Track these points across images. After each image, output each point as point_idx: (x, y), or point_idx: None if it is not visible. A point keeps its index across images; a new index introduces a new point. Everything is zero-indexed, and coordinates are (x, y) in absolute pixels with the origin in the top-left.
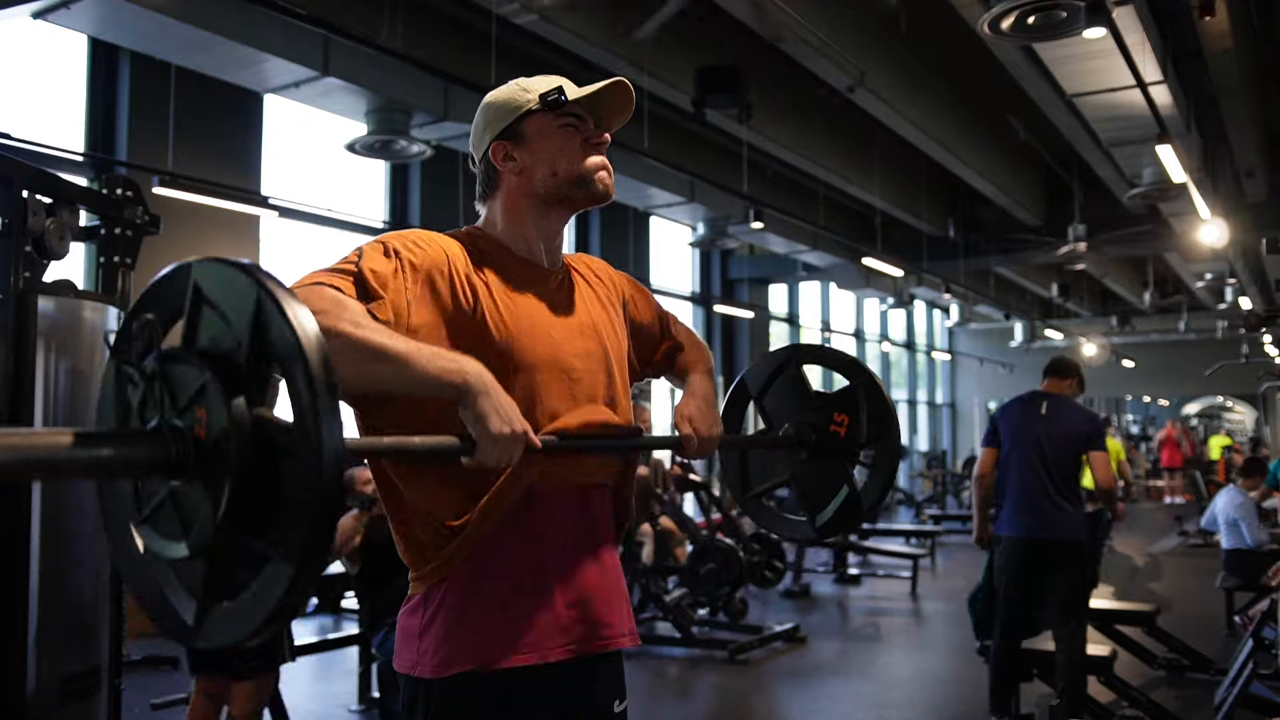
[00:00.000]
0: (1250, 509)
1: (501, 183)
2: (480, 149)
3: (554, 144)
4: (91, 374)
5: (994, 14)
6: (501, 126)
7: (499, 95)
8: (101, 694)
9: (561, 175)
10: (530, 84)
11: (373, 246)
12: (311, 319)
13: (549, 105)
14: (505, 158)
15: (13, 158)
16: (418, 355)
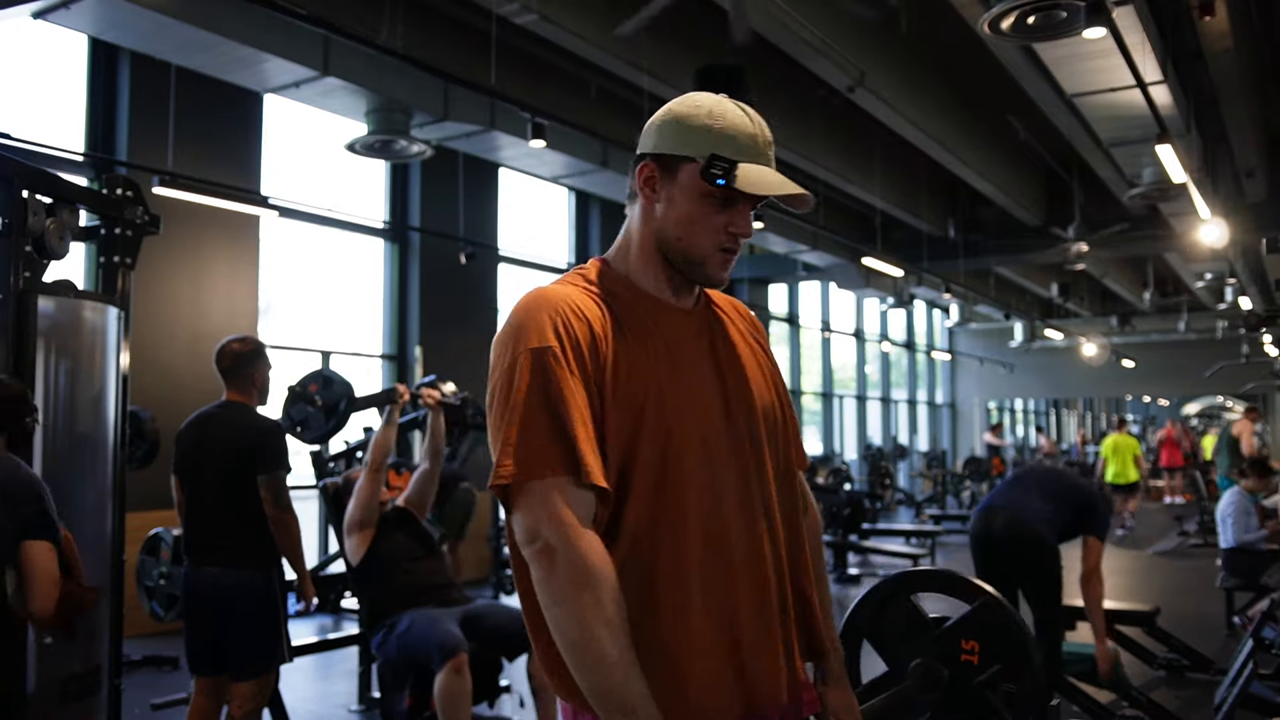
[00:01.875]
0: (1241, 508)
1: (638, 205)
2: (640, 148)
3: (694, 210)
4: (91, 374)
5: (994, 14)
6: (663, 150)
7: (686, 111)
8: (101, 694)
9: (682, 245)
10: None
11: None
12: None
13: (704, 177)
14: (648, 183)
15: (13, 158)
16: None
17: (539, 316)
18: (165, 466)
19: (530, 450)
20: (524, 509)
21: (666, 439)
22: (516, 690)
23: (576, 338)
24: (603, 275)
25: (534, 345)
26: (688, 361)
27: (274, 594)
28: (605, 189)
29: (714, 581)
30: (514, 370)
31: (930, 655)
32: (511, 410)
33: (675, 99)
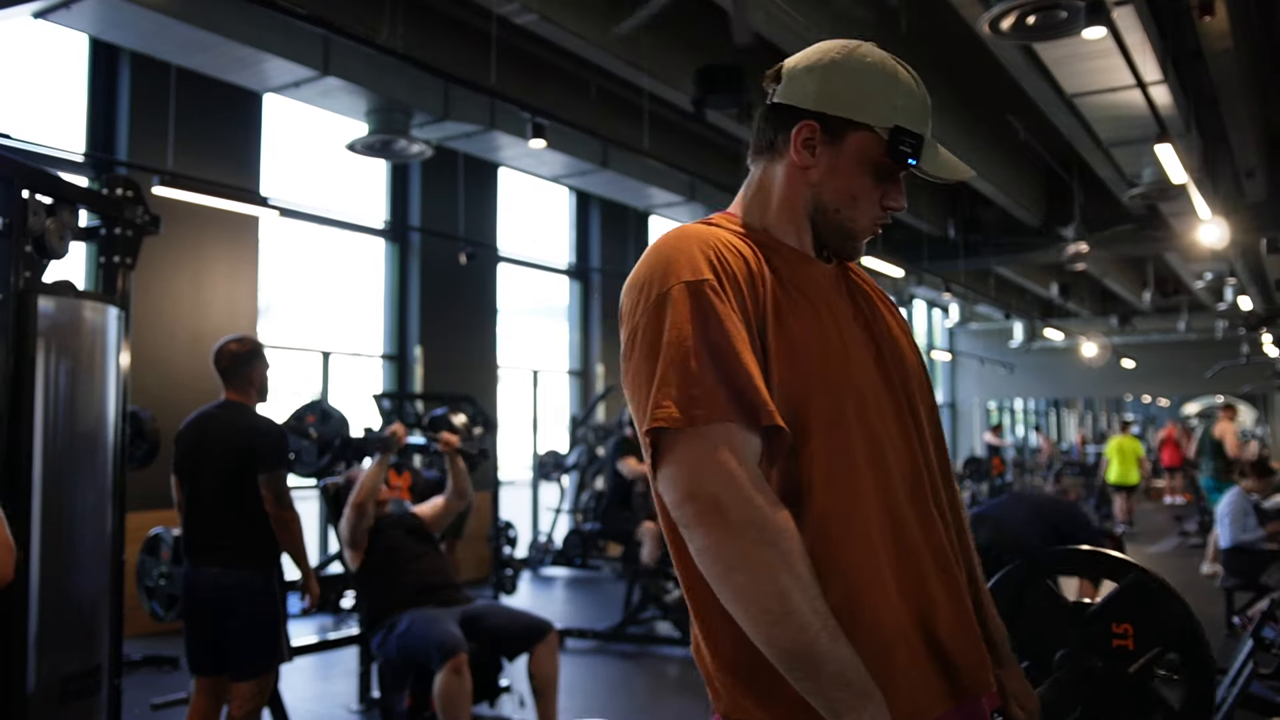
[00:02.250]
0: (1240, 508)
1: (784, 162)
2: (790, 99)
3: (859, 182)
4: (91, 374)
5: (994, 14)
6: (831, 110)
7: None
8: (101, 694)
9: (840, 218)
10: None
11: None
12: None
13: (892, 155)
14: (806, 144)
15: (13, 158)
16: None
17: (689, 249)
18: (165, 466)
19: (690, 391)
20: (683, 460)
21: (839, 399)
22: (516, 690)
23: (734, 273)
24: (745, 233)
25: (688, 278)
26: (844, 321)
27: (274, 594)
28: (605, 189)
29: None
30: (664, 305)
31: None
32: (667, 348)
33: (833, 46)
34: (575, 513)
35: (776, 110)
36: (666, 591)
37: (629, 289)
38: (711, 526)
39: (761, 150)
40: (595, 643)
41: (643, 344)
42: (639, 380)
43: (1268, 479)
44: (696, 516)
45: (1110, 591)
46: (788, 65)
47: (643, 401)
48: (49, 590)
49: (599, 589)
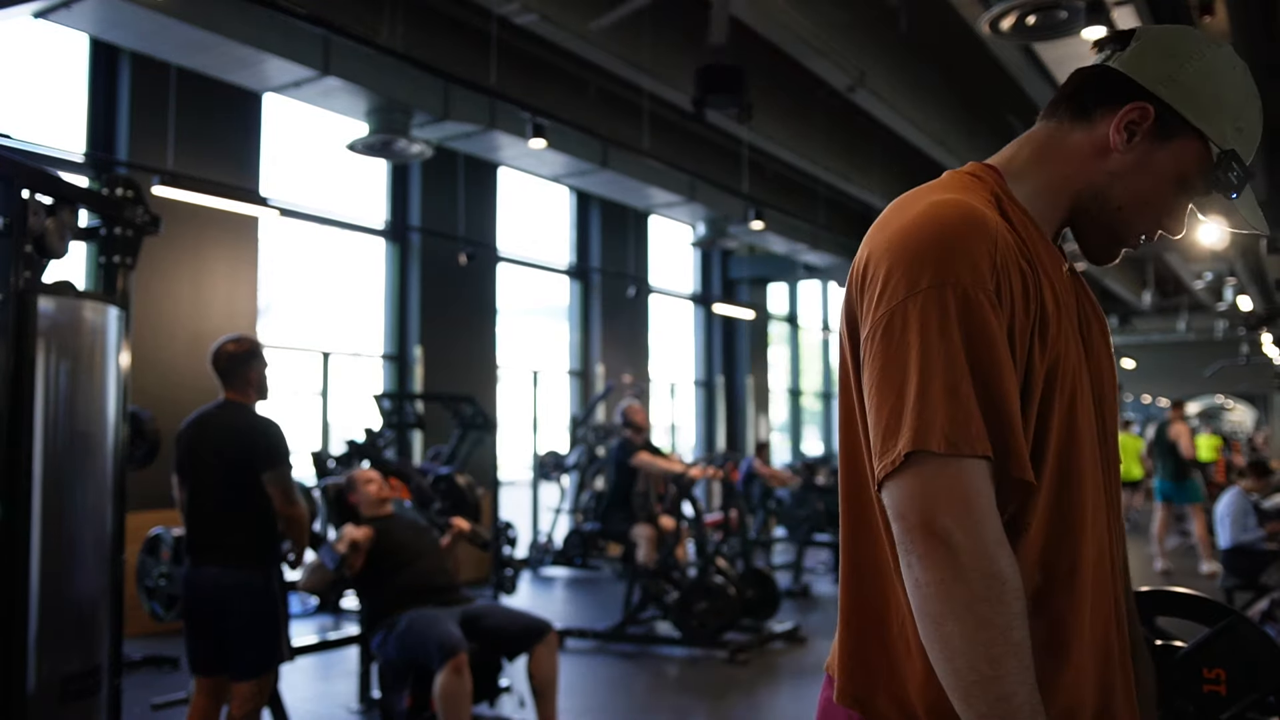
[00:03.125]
0: (1240, 508)
1: (1089, 134)
2: (1134, 71)
3: (1161, 191)
4: (91, 374)
5: (994, 14)
6: (1175, 101)
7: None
8: (101, 694)
9: (1119, 219)
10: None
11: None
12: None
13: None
14: (1129, 127)
15: (13, 158)
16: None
17: (973, 239)
18: (165, 466)
19: (956, 417)
20: (928, 486)
21: (1073, 426)
22: (516, 690)
23: (1012, 281)
24: (1002, 199)
25: (968, 281)
26: (1073, 325)
27: (274, 594)
28: (605, 189)
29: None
30: (937, 304)
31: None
32: (936, 360)
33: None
34: (575, 513)
35: (1109, 76)
36: (666, 592)
37: (891, 252)
38: (938, 564)
39: (1067, 110)
40: (595, 643)
41: (902, 337)
42: (889, 376)
43: (1267, 479)
44: (925, 549)
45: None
46: (1143, 32)
47: (890, 404)
48: (49, 590)
49: (599, 589)
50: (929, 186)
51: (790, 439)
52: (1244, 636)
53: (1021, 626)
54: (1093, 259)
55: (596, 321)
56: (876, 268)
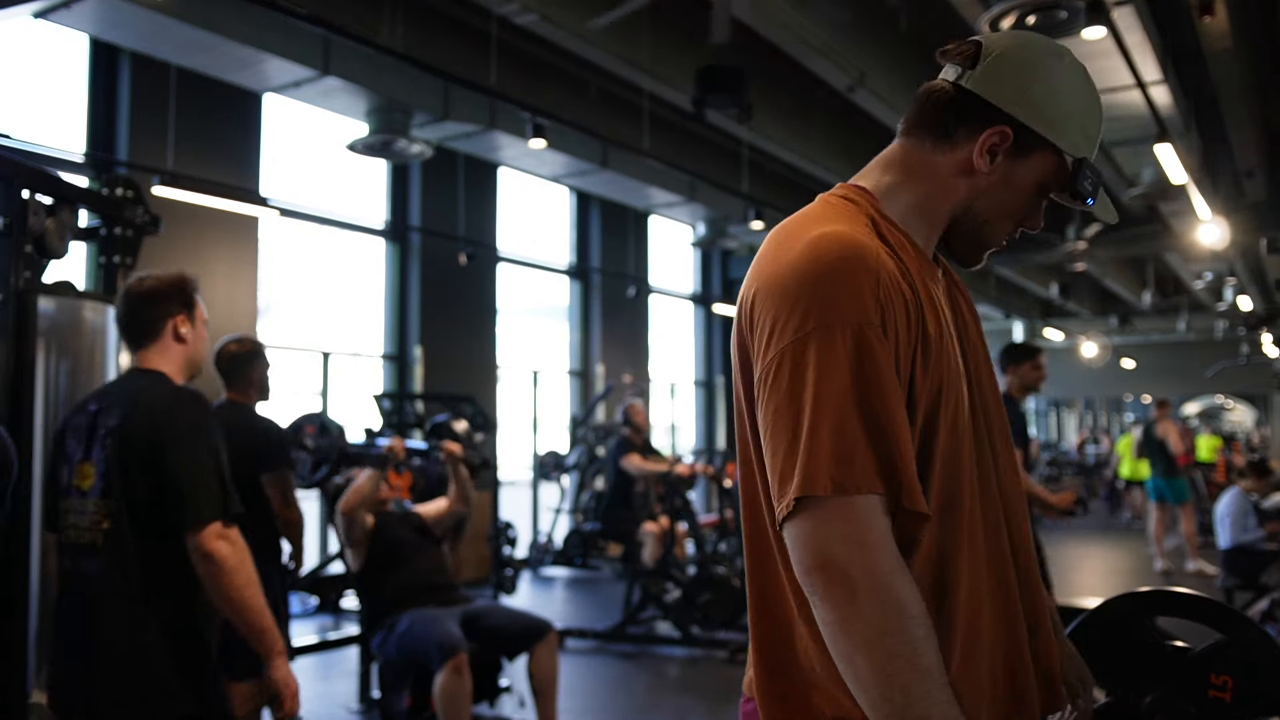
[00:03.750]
0: (1240, 508)
1: (953, 156)
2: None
3: (1022, 202)
4: (91, 374)
5: (994, 14)
6: (1031, 120)
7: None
8: None
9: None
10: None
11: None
12: None
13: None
14: (989, 150)
15: (13, 158)
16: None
17: (857, 275)
18: None
19: (844, 456)
20: (821, 526)
21: (957, 445)
22: (516, 690)
23: (894, 309)
24: (877, 220)
25: (853, 318)
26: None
27: (273, 594)
28: (605, 189)
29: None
30: (823, 344)
31: (1170, 688)
32: (824, 399)
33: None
34: (575, 513)
35: (966, 98)
36: (666, 591)
37: (776, 292)
38: (838, 602)
39: (929, 133)
40: (595, 643)
41: (792, 381)
42: (781, 421)
43: (1267, 479)
44: (825, 589)
45: (1215, 640)
46: (991, 51)
47: (784, 449)
48: (49, 591)
49: (599, 589)
50: (808, 216)
51: None
52: (1256, 647)
53: (929, 651)
54: (962, 264)
55: (596, 321)
56: (764, 308)
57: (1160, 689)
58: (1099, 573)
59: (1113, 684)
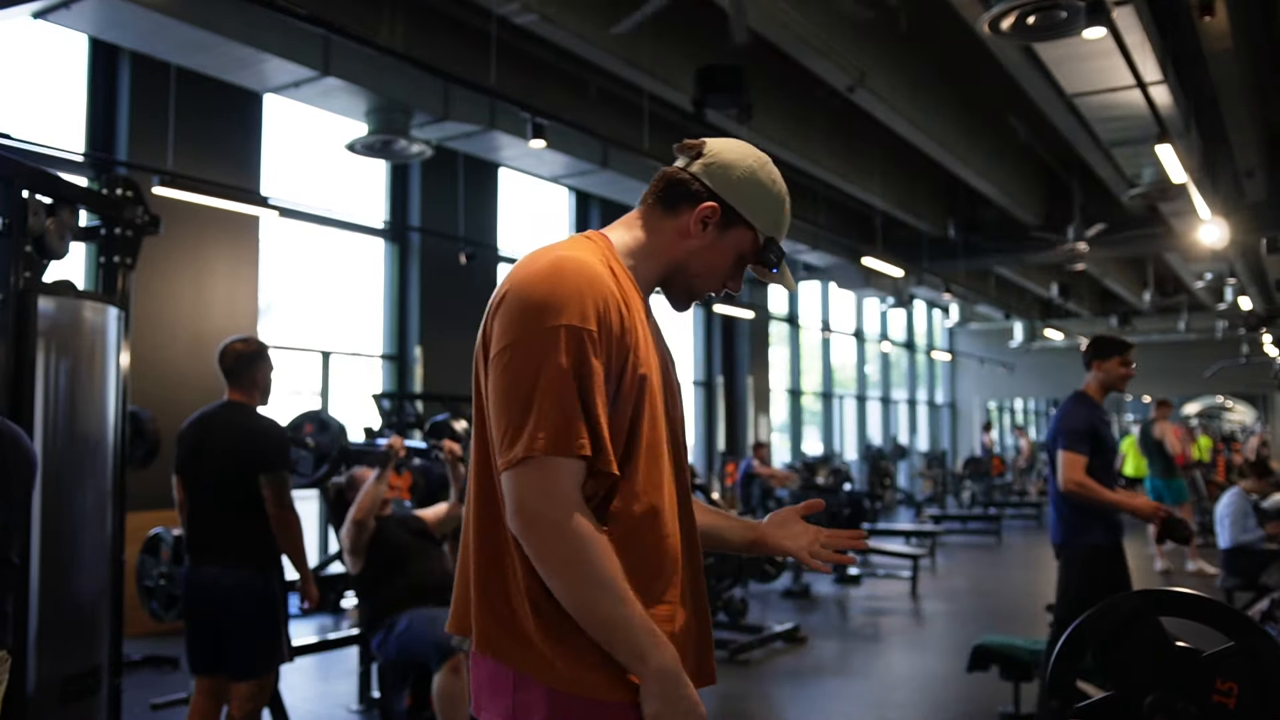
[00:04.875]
0: (1240, 509)
1: (673, 223)
2: (710, 182)
3: (725, 265)
4: (91, 374)
5: (994, 14)
6: (733, 203)
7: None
8: (101, 694)
9: (694, 284)
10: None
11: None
12: None
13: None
14: (702, 221)
15: (13, 158)
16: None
17: (584, 293)
18: (165, 466)
19: (561, 428)
20: (531, 479)
21: (654, 433)
22: None
23: (609, 325)
24: (612, 262)
25: (574, 323)
26: (658, 356)
27: (274, 594)
28: (605, 189)
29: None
30: (551, 340)
31: (1173, 689)
32: (546, 382)
33: (752, 154)
34: None
35: (693, 182)
36: None
37: (521, 295)
38: (543, 538)
39: (660, 204)
40: None
41: (523, 363)
42: (512, 395)
43: (1267, 479)
44: (528, 528)
45: (1225, 646)
46: (711, 150)
47: (514, 417)
48: (49, 590)
49: None
50: (556, 244)
51: (790, 439)
52: (1265, 656)
53: (607, 568)
54: (674, 308)
55: None
56: (510, 306)
57: (1163, 689)
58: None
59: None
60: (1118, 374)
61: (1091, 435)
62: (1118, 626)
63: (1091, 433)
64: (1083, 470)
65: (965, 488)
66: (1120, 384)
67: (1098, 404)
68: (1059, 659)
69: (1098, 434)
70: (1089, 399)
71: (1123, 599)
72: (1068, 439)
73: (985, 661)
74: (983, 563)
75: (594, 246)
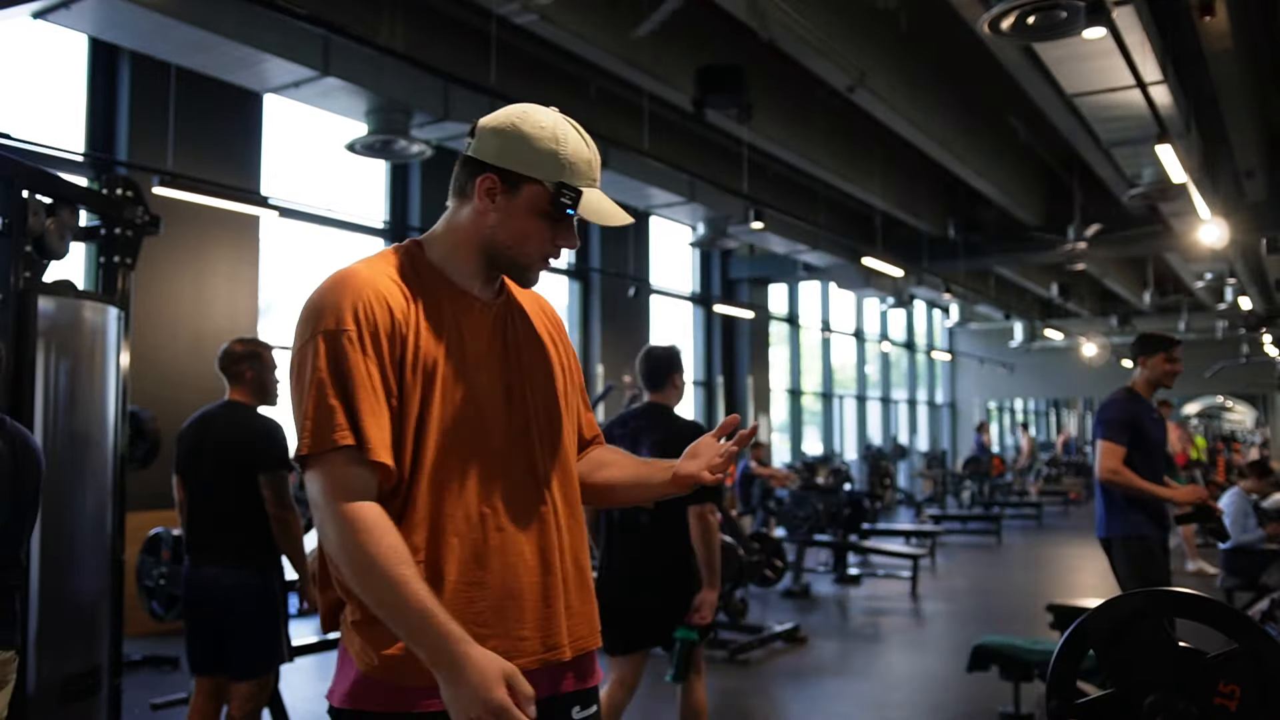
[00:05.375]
0: (1240, 509)
1: (469, 206)
2: (480, 155)
3: (531, 225)
4: (91, 374)
5: (994, 14)
6: (509, 165)
7: (533, 132)
8: (101, 694)
9: (513, 254)
10: (566, 154)
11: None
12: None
13: (554, 206)
14: (489, 193)
15: (13, 158)
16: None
17: (339, 299)
18: (165, 466)
19: (321, 425)
20: (316, 475)
21: (451, 420)
22: None
23: (375, 322)
24: (415, 260)
25: (329, 328)
26: (478, 351)
27: (274, 594)
28: (605, 189)
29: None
30: (309, 349)
31: (1175, 689)
32: (310, 386)
33: (515, 111)
34: None
35: (469, 161)
36: None
37: (301, 316)
38: (328, 526)
39: (454, 193)
40: None
41: (297, 374)
42: (294, 401)
43: (1267, 479)
44: (320, 519)
45: (1230, 649)
46: (480, 124)
47: (294, 419)
48: (49, 590)
49: None
50: (355, 261)
51: (790, 439)
52: (1269, 661)
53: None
54: (519, 284)
55: (596, 322)
56: (298, 320)
57: (1164, 689)
58: (1099, 573)
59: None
60: (1163, 370)
61: (1133, 427)
62: (1120, 625)
63: (1133, 425)
64: (1119, 459)
65: (965, 487)
66: (1167, 380)
67: (1145, 399)
68: (1059, 659)
69: (1140, 428)
70: (1135, 394)
71: (1125, 598)
72: (1106, 429)
73: (985, 661)
74: (983, 563)
75: (385, 256)
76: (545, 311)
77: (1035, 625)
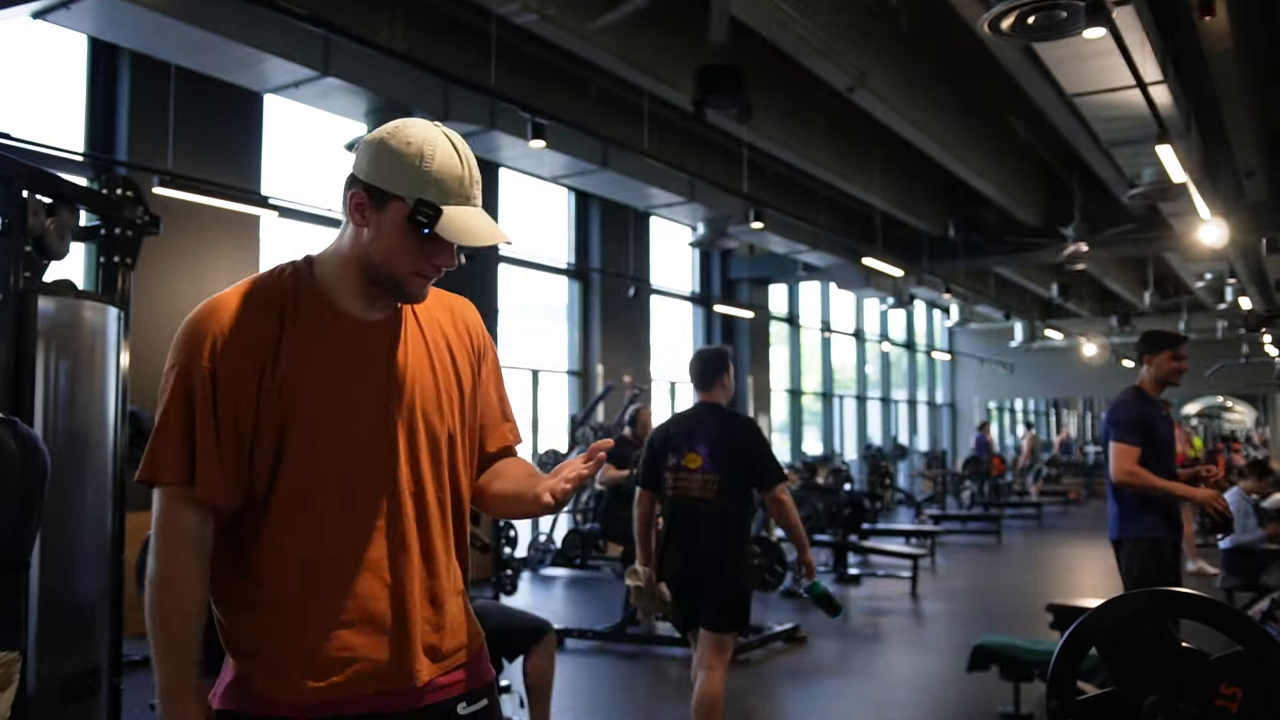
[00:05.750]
0: (1239, 509)
1: (348, 226)
2: (355, 170)
3: (399, 243)
4: (91, 374)
5: (994, 14)
6: (375, 181)
7: (398, 148)
8: (101, 694)
9: (386, 271)
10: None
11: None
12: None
13: (411, 222)
14: (358, 208)
15: (13, 158)
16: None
17: (200, 332)
18: None
19: (161, 457)
20: (153, 506)
21: (310, 445)
22: (516, 690)
23: (232, 355)
24: (299, 280)
25: (183, 362)
26: (350, 373)
27: None
28: (605, 189)
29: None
30: (166, 380)
31: (1176, 690)
32: (160, 418)
33: (389, 125)
34: (575, 513)
35: (348, 183)
36: None
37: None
38: (150, 561)
39: (345, 209)
40: (595, 643)
41: (158, 403)
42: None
43: (1267, 479)
44: (148, 545)
45: (1233, 651)
46: (360, 139)
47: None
48: (49, 590)
49: (599, 589)
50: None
51: (790, 439)
52: (1271, 663)
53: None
54: (403, 300)
55: (596, 321)
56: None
57: (1165, 689)
58: (1099, 573)
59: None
60: (1170, 367)
61: (1143, 427)
62: (1122, 625)
63: (1143, 424)
64: (1134, 460)
65: (965, 487)
66: (1174, 377)
67: (1152, 398)
68: (1059, 658)
69: (1150, 427)
70: (1143, 393)
71: (1127, 598)
72: (1119, 430)
73: (985, 661)
74: (983, 563)
75: (269, 276)
76: (458, 324)
77: (1035, 625)
